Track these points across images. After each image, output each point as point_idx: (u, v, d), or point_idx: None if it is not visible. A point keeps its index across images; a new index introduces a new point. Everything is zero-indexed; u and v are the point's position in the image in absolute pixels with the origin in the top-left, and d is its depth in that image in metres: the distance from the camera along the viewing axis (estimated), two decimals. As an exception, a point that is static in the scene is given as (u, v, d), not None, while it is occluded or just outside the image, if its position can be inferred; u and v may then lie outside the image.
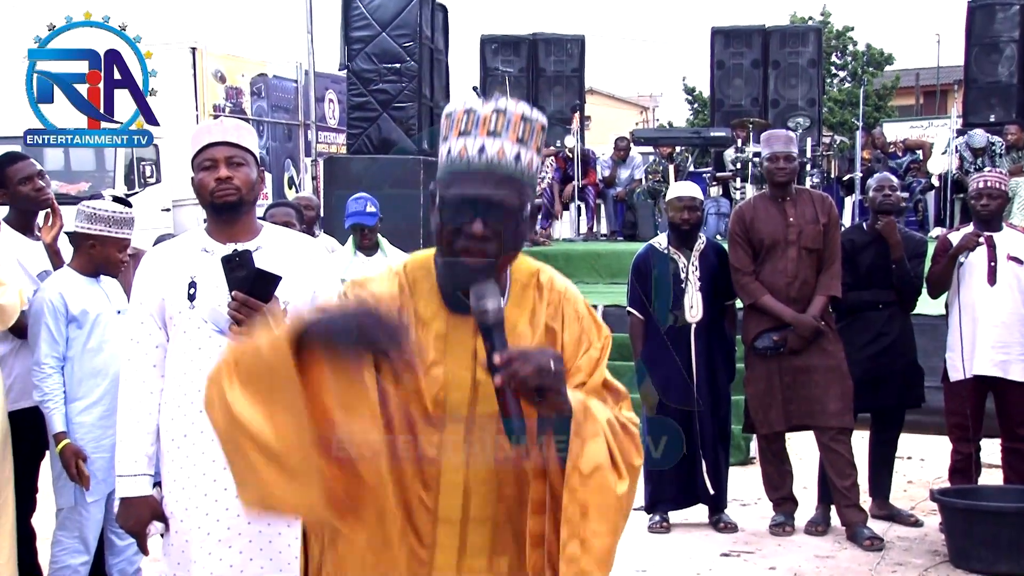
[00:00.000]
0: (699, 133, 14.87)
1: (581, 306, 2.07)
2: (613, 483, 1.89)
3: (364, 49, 11.10)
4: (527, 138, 1.89)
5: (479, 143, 1.86)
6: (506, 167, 1.87)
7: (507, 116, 1.88)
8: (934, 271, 5.65)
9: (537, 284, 2.03)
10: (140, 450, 2.95)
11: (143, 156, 13.34)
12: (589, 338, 2.04)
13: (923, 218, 12.50)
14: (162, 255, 3.02)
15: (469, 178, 1.86)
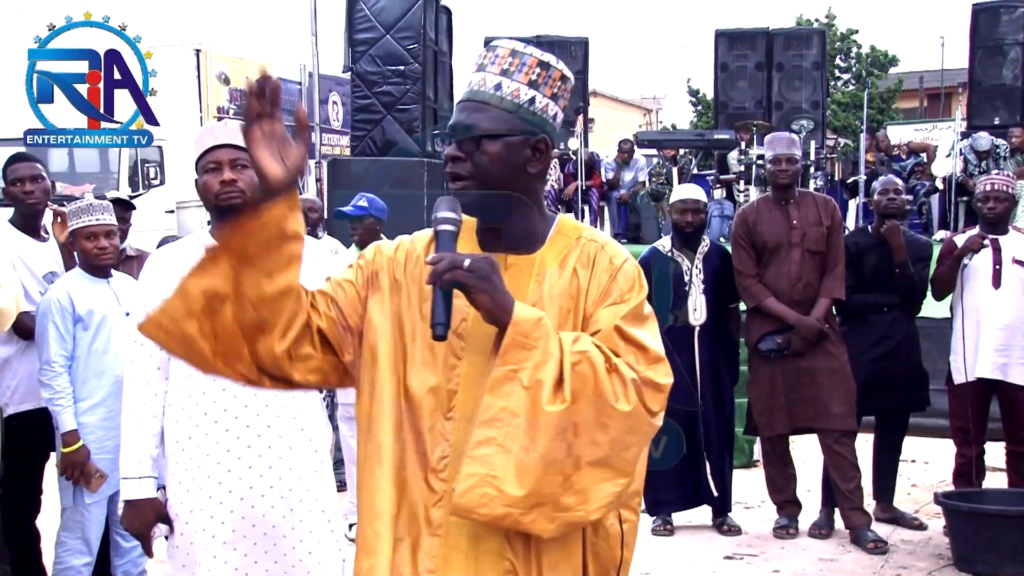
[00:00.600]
0: (703, 136, 14.88)
1: (619, 259, 2.04)
2: (545, 401, 1.85)
3: (368, 51, 11.11)
4: (513, 71, 1.98)
5: (470, 79, 2.03)
6: (482, 94, 1.99)
7: (495, 53, 2.01)
8: (939, 272, 5.65)
9: (578, 237, 2.06)
10: (144, 452, 2.95)
11: (147, 158, 13.35)
12: (620, 290, 2.02)
13: (927, 221, 12.50)
14: (166, 257, 3.03)
15: (456, 108, 2.03)
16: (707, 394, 5.72)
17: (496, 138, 1.98)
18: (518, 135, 1.99)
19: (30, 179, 4.37)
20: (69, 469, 4.00)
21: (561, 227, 2.08)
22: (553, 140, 2.05)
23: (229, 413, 2.85)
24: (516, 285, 1.98)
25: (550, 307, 1.99)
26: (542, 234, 2.05)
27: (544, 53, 2.03)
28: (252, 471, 2.84)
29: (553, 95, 2.02)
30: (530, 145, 2.00)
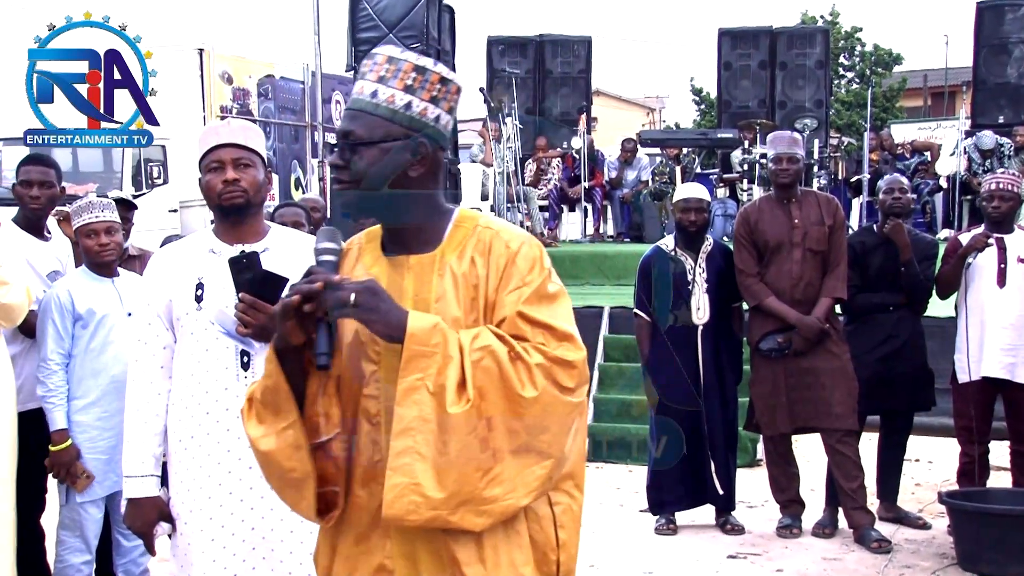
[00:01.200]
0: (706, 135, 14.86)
1: (515, 243, 2.07)
2: (450, 403, 1.91)
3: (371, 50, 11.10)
4: (389, 77, 2.03)
5: (353, 88, 2.10)
6: (360, 102, 2.04)
7: (373, 60, 2.07)
8: (943, 271, 5.64)
9: (475, 227, 2.10)
10: (147, 451, 2.94)
11: (150, 157, 13.37)
12: (520, 274, 2.04)
13: (931, 220, 12.47)
14: (170, 256, 3.02)
15: (342, 117, 2.10)
16: (711, 393, 5.72)
17: (372, 144, 2.02)
18: (394, 140, 2.02)
19: (39, 184, 4.38)
20: (56, 468, 4.00)
21: (460, 220, 2.11)
22: (438, 142, 2.07)
23: (231, 413, 2.83)
24: (421, 282, 2.05)
25: (456, 299, 2.03)
26: (441, 230, 2.09)
27: (421, 57, 2.06)
28: (252, 472, 2.82)
29: (432, 98, 2.04)
30: (409, 149, 2.03)
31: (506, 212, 11.67)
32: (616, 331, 8.34)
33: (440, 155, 2.09)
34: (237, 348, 2.85)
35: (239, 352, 2.85)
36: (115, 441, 4.05)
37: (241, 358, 2.86)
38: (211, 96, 15.17)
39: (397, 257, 2.08)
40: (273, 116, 16.92)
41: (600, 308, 8.61)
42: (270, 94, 17.13)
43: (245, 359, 2.86)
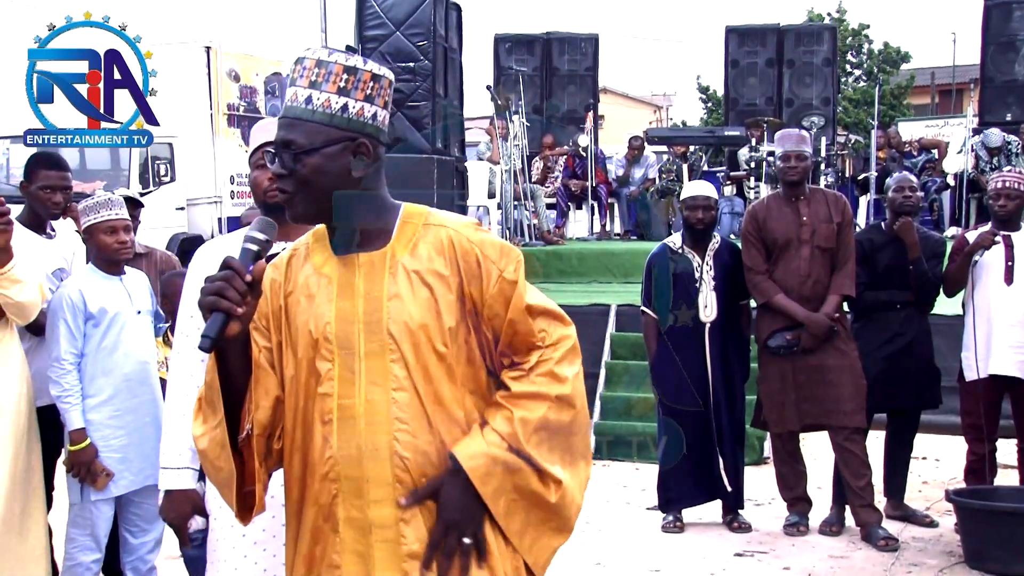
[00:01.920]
0: (713, 132, 14.86)
1: (474, 234, 2.09)
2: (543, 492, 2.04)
3: (378, 48, 11.10)
4: (321, 81, 2.02)
5: (286, 94, 2.08)
6: (295, 110, 2.04)
7: (303, 65, 2.05)
8: (950, 269, 5.64)
9: (424, 223, 2.10)
10: (184, 443, 2.92)
11: (158, 155, 13.38)
12: (496, 265, 2.07)
13: (938, 217, 12.45)
14: (214, 250, 3.00)
15: (277, 126, 2.09)
16: (718, 390, 5.72)
17: (313, 151, 2.02)
18: (335, 144, 2.02)
19: (62, 190, 4.41)
20: (75, 467, 4.01)
21: (407, 216, 2.11)
22: (377, 139, 2.08)
23: None
24: (372, 281, 2.06)
25: (412, 296, 2.04)
26: (389, 227, 2.09)
27: (350, 57, 2.04)
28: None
29: (367, 97, 2.04)
30: (350, 151, 2.04)
31: (513, 210, 11.68)
32: (623, 329, 8.34)
33: (380, 151, 2.09)
34: None
35: None
36: (128, 439, 4.07)
37: None
38: (218, 94, 15.15)
39: (347, 256, 2.08)
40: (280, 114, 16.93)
41: (607, 306, 8.61)
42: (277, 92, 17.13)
43: None
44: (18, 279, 3.79)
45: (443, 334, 2.03)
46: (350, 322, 2.04)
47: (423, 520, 2.02)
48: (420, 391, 2.02)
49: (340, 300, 2.06)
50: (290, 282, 2.13)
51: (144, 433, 4.11)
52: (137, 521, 4.19)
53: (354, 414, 2.02)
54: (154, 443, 4.09)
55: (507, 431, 2.00)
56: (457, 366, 2.05)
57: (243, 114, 16.01)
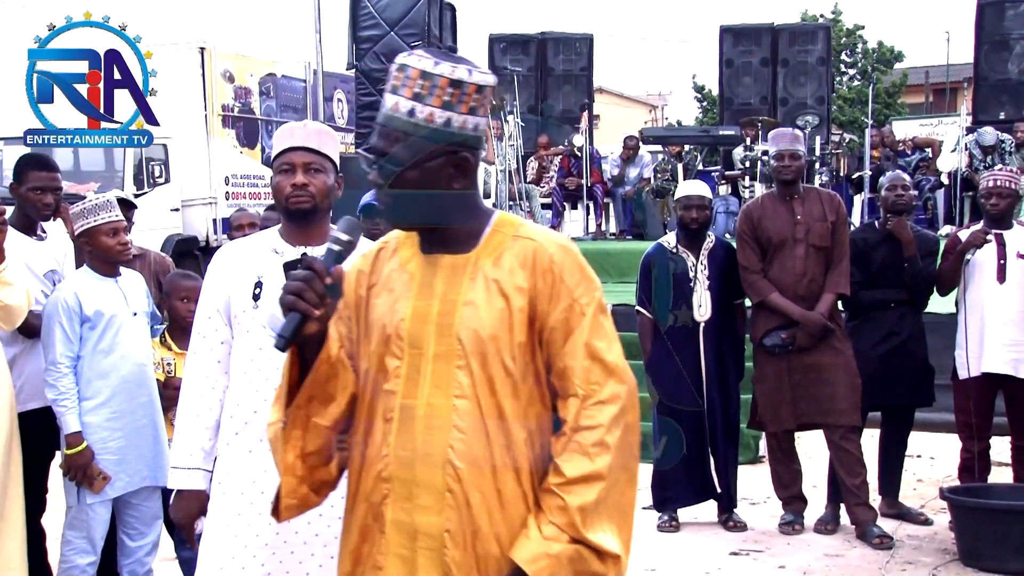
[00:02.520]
0: (708, 132, 14.86)
1: (560, 255, 2.04)
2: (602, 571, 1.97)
3: (372, 48, 11.13)
4: (425, 94, 1.98)
5: (384, 100, 2.04)
6: (396, 121, 2.00)
7: (406, 74, 1.99)
8: (942, 268, 5.65)
9: (515, 234, 2.07)
10: (197, 444, 2.94)
11: (152, 156, 13.37)
12: (569, 291, 2.03)
13: (932, 216, 12.46)
14: (233, 252, 3.00)
15: (375, 131, 2.06)
16: (713, 390, 5.72)
17: (413, 167, 2.00)
18: (436, 159, 2.00)
19: (52, 191, 4.39)
20: (72, 470, 3.99)
21: (498, 224, 2.09)
22: (476, 151, 2.06)
23: None
24: (450, 284, 2.04)
25: (487, 306, 2.02)
26: (478, 232, 2.07)
27: (456, 67, 1.99)
28: None
29: (471, 109, 2.00)
30: (451, 164, 2.02)
31: (508, 210, 11.68)
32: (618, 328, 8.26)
33: (479, 156, 2.07)
34: None
35: None
36: (124, 442, 4.06)
37: None
38: (213, 95, 15.16)
39: (432, 255, 2.07)
40: (275, 115, 16.92)
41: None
42: (272, 92, 17.13)
43: None
44: (8, 282, 3.78)
45: (512, 348, 2.00)
46: (424, 322, 2.02)
47: (467, 538, 1.99)
48: (482, 402, 1.99)
49: (418, 299, 2.04)
50: (375, 274, 2.12)
51: (141, 435, 4.10)
52: (134, 524, 4.18)
53: (414, 416, 2.00)
54: (151, 444, 4.12)
55: (565, 522, 1.94)
56: (523, 383, 2.01)
57: (238, 115, 16.01)
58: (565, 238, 2.10)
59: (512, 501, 1.99)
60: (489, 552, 1.98)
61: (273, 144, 2.97)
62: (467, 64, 2.02)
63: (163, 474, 4.07)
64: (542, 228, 2.13)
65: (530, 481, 2.01)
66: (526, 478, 2.00)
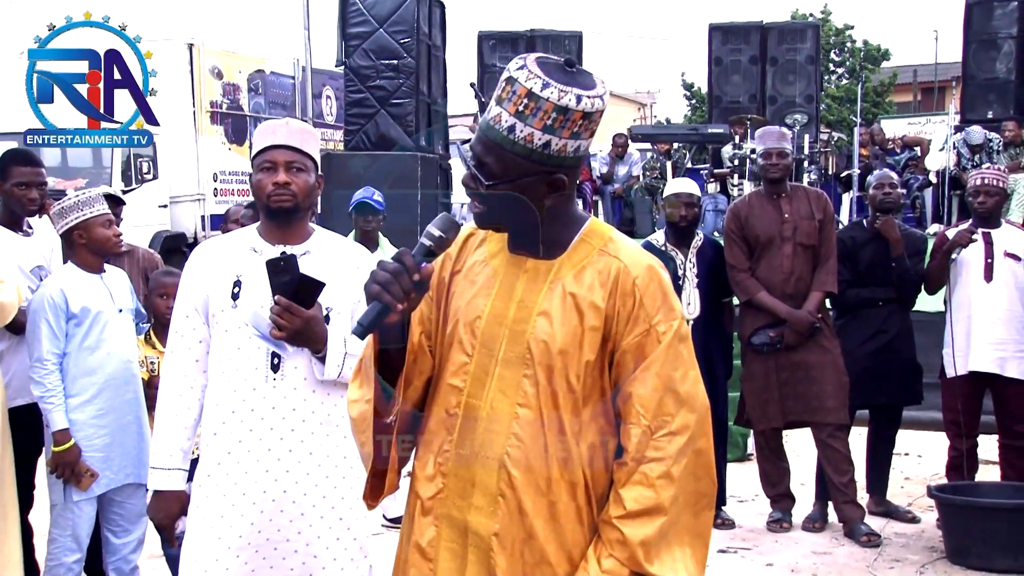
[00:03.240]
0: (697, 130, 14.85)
1: (644, 279, 2.00)
2: None
3: (361, 45, 11.09)
4: (528, 114, 1.92)
5: (490, 107, 2.00)
6: (495, 134, 1.95)
7: (513, 89, 1.94)
8: (930, 267, 5.66)
9: (602, 248, 2.04)
10: (176, 444, 2.93)
11: (140, 153, 13.31)
12: (648, 317, 1.99)
13: (920, 215, 12.51)
14: (211, 251, 2.99)
15: (475, 136, 2.03)
16: (701, 388, 5.72)
17: (506, 182, 1.97)
18: (530, 176, 1.96)
19: (37, 185, 4.37)
20: (59, 468, 3.97)
21: (587, 234, 2.06)
22: (574, 171, 2.01)
23: (256, 414, 2.81)
24: (530, 290, 2.02)
25: (562, 319, 2.00)
26: (566, 240, 2.05)
27: (564, 92, 1.92)
28: (269, 475, 2.80)
29: (573, 134, 1.95)
30: (545, 183, 1.98)
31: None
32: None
33: (577, 174, 2.04)
34: (268, 350, 2.82)
35: (270, 354, 2.83)
36: (110, 439, 4.05)
37: (272, 360, 2.83)
38: (201, 91, 15.10)
39: (517, 256, 2.05)
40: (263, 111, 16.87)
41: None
42: (260, 89, 17.09)
43: (275, 361, 2.83)
44: None
45: (579, 366, 1.98)
46: (499, 324, 2.02)
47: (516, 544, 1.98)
48: (544, 413, 1.97)
49: (497, 300, 2.03)
50: (460, 261, 2.12)
51: (127, 432, 4.09)
52: (119, 521, 4.17)
53: (477, 416, 2.00)
54: (136, 441, 4.11)
55: (626, 556, 1.93)
56: (587, 401, 1.99)
57: (226, 111, 15.96)
58: (653, 259, 2.05)
59: (565, 514, 1.98)
60: (538, 561, 1.98)
61: (254, 141, 2.96)
62: (579, 88, 1.94)
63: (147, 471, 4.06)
64: (631, 245, 2.09)
65: (585, 497, 1.99)
66: (581, 494, 1.99)
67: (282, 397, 2.81)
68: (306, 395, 2.84)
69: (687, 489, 1.96)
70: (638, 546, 1.92)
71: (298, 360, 2.83)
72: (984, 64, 13.11)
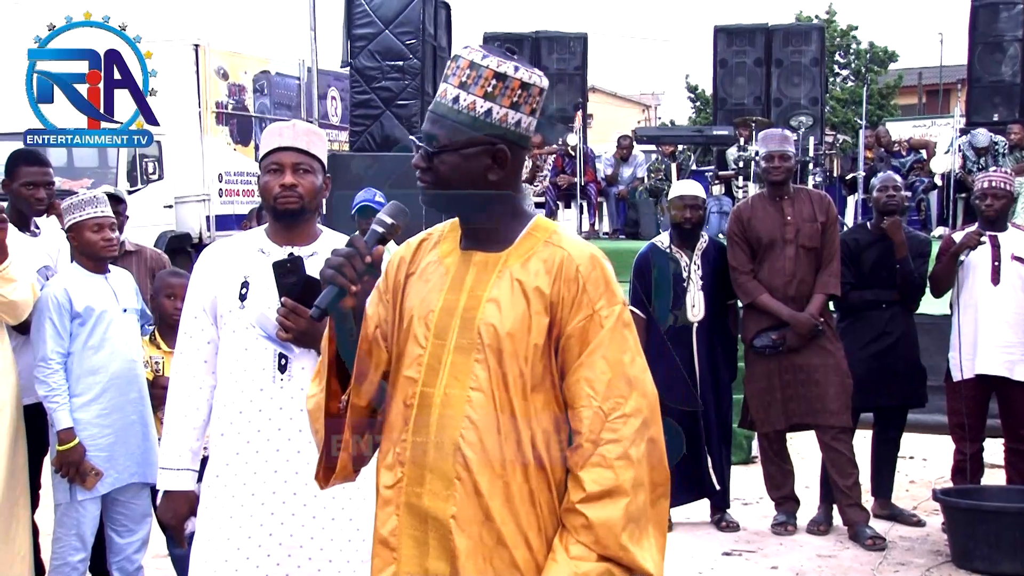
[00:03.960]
0: (701, 132, 14.87)
1: (587, 267, 2.07)
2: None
3: (367, 46, 11.11)
4: (470, 83, 2.04)
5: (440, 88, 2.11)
6: (441, 107, 2.07)
7: (456, 64, 2.07)
8: (936, 270, 5.65)
9: (547, 240, 2.11)
10: (185, 445, 2.94)
11: (146, 153, 13.33)
12: (591, 302, 2.05)
13: (926, 217, 12.49)
14: (219, 252, 3.01)
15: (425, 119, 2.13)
16: (706, 390, 5.72)
17: (453, 150, 2.06)
18: (474, 146, 2.06)
19: (44, 185, 4.38)
20: (64, 467, 3.98)
21: (533, 228, 2.13)
22: (520, 145, 2.10)
23: (263, 415, 2.83)
24: (479, 279, 2.09)
25: (510, 305, 2.06)
26: (513, 234, 2.12)
27: (504, 62, 2.05)
28: (277, 475, 2.81)
29: (513, 104, 2.06)
30: (488, 155, 2.06)
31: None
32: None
33: (521, 156, 2.12)
34: (275, 350, 2.84)
35: (277, 355, 2.84)
36: (114, 438, 4.05)
37: (279, 360, 2.84)
38: (206, 92, 15.13)
39: (467, 252, 2.13)
40: (269, 112, 16.90)
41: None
42: (266, 90, 17.11)
43: (283, 361, 2.84)
44: (12, 278, 3.78)
45: (527, 349, 2.03)
46: (450, 315, 2.08)
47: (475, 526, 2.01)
48: (496, 397, 2.02)
49: (449, 293, 2.10)
50: (414, 263, 2.19)
51: (130, 431, 4.09)
52: (123, 521, 4.17)
53: (431, 403, 2.06)
54: (140, 441, 4.11)
55: (591, 540, 1.95)
56: (538, 385, 2.04)
57: (231, 112, 15.99)
58: (596, 249, 2.12)
59: (519, 495, 2.02)
60: (496, 543, 2.01)
61: (261, 143, 2.98)
62: (516, 62, 2.07)
63: (151, 471, 4.07)
64: (575, 237, 2.17)
65: (538, 479, 2.02)
66: (534, 476, 2.02)
67: (289, 397, 2.82)
68: None
69: (644, 475, 2.00)
70: (602, 527, 1.95)
71: (305, 360, 2.84)
72: (990, 67, 13.10)
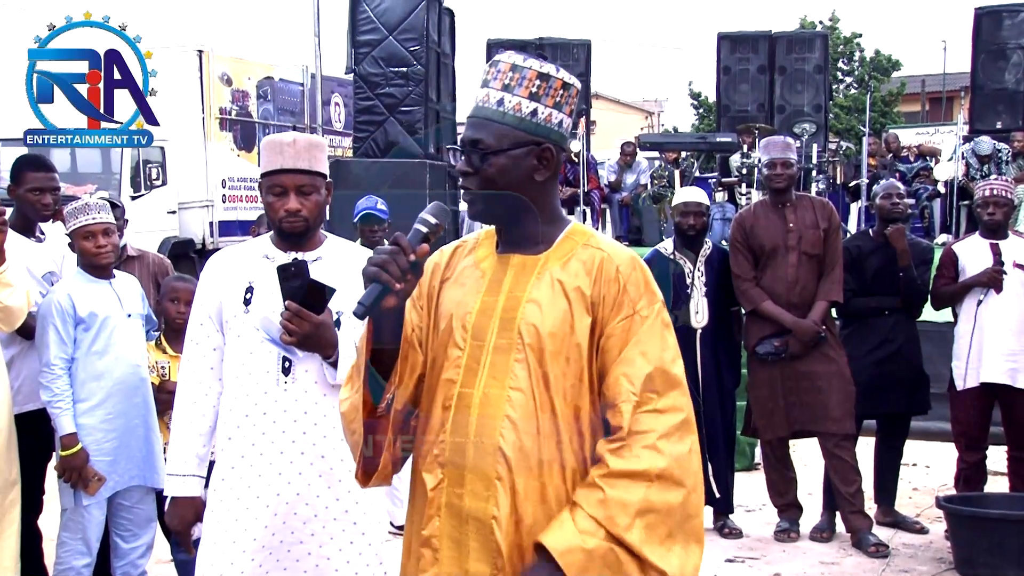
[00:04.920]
0: (705, 138, 14.87)
1: (627, 267, 2.09)
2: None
3: (371, 53, 11.11)
4: (514, 85, 2.07)
5: (476, 95, 2.13)
6: (486, 110, 2.08)
7: (497, 68, 2.09)
8: (944, 290, 5.62)
9: (586, 243, 2.13)
10: (191, 451, 2.96)
11: (149, 158, 13.36)
12: (632, 303, 2.06)
13: (929, 225, 12.49)
14: (225, 258, 3.03)
15: (465, 124, 2.15)
16: (709, 396, 5.72)
17: (500, 152, 2.07)
18: (522, 147, 2.07)
19: (51, 191, 4.39)
20: (67, 472, 3.99)
21: (571, 232, 2.15)
22: (561, 146, 2.12)
23: (268, 418, 2.84)
24: (518, 281, 2.10)
25: (552, 305, 2.07)
26: (552, 237, 2.14)
27: (544, 64, 2.09)
28: (282, 477, 2.82)
29: (556, 104, 2.09)
30: (535, 155, 2.08)
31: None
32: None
33: (561, 157, 2.15)
34: (279, 354, 2.85)
35: (281, 358, 2.86)
36: (119, 443, 4.06)
37: (283, 363, 2.86)
38: (210, 97, 15.16)
39: (504, 255, 2.14)
40: (272, 118, 16.93)
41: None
42: (269, 96, 17.14)
43: (287, 364, 2.86)
44: (9, 283, 3.78)
45: (569, 349, 2.04)
46: (488, 316, 2.08)
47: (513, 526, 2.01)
48: (536, 396, 2.03)
49: (487, 295, 2.11)
50: (449, 269, 2.19)
51: (134, 435, 4.10)
52: (128, 526, 4.18)
53: (470, 404, 2.05)
54: (142, 444, 4.13)
55: (602, 515, 1.93)
56: (577, 385, 2.04)
57: (235, 118, 16.02)
58: (634, 252, 2.15)
59: (555, 496, 2.02)
60: (531, 543, 2.00)
61: (262, 158, 2.94)
62: (554, 64, 2.11)
63: (154, 475, 4.09)
64: (613, 242, 2.19)
65: (574, 480, 2.02)
66: (571, 476, 2.02)
67: (293, 400, 2.83)
68: (317, 399, 2.85)
69: (675, 472, 1.97)
70: (616, 505, 1.94)
71: (309, 364, 2.85)
72: (993, 74, 13.10)
